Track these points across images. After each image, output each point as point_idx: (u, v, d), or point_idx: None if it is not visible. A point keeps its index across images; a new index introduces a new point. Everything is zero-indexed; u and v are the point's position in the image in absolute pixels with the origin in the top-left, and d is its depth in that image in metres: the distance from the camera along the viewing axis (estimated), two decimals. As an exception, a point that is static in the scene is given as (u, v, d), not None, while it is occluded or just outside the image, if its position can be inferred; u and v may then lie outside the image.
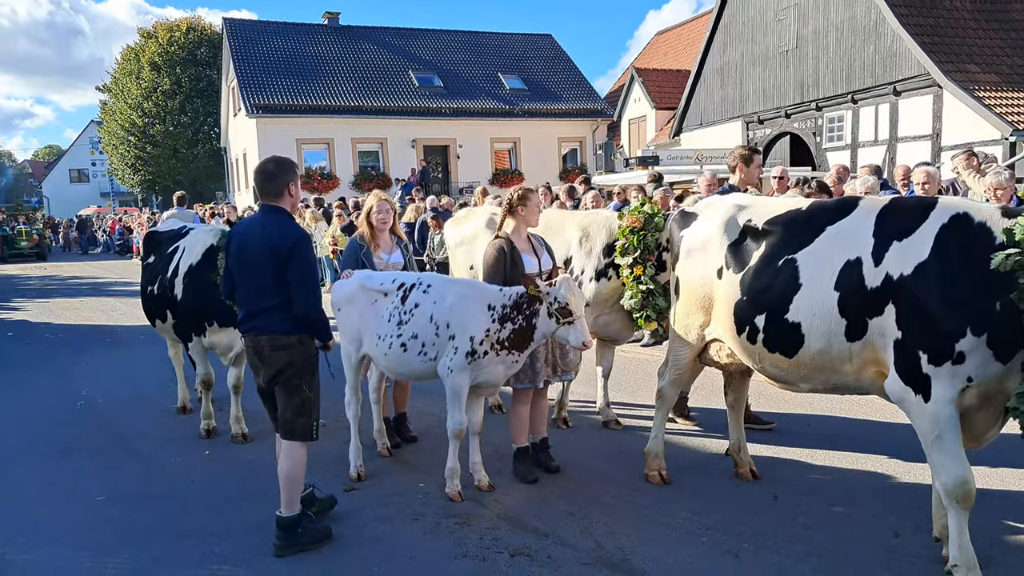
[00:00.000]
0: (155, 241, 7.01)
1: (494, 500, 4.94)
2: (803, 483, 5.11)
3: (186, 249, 6.35)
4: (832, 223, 4.00)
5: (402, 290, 5.11)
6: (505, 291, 4.87)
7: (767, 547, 4.20)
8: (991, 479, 4.96)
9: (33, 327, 13.51)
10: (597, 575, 3.96)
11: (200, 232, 6.61)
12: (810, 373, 4.09)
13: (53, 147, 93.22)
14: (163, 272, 6.47)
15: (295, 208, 4.39)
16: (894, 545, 4.16)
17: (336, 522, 4.64)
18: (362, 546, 4.37)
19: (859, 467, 5.34)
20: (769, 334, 4.16)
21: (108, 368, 9.59)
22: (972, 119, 16.68)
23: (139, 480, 5.63)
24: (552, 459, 5.47)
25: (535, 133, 31.88)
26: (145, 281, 6.82)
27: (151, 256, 6.91)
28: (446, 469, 5.02)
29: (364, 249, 5.79)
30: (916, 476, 5.05)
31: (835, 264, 3.86)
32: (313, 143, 29.43)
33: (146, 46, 41.21)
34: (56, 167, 70.66)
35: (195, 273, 6.16)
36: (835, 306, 3.83)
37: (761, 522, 4.50)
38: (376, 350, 5.16)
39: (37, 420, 7.27)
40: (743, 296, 4.30)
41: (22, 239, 31.54)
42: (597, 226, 6.22)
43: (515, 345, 4.80)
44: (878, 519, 4.48)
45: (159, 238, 6.97)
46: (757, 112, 22.76)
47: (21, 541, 4.63)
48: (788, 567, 3.97)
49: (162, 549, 4.45)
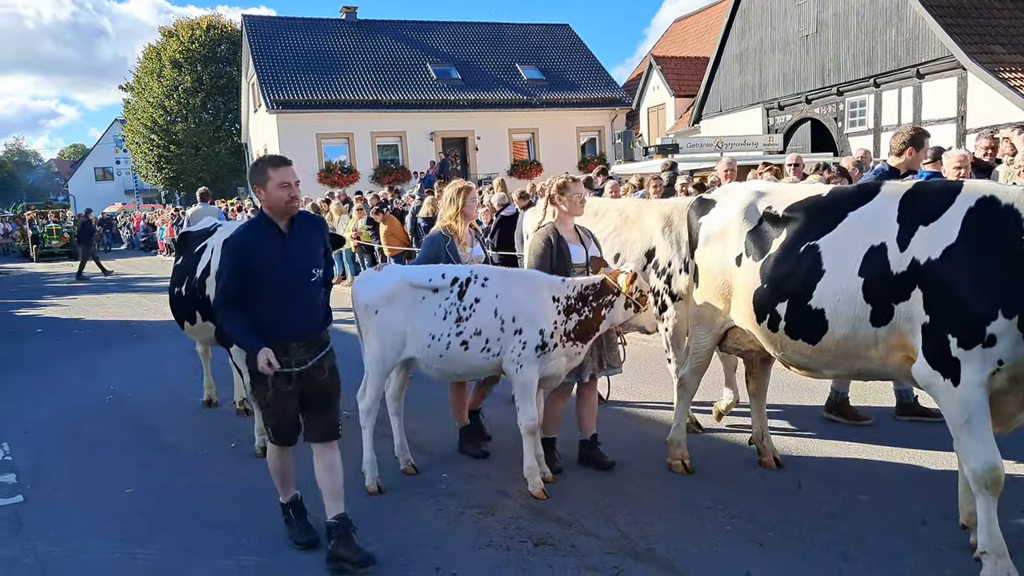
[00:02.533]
0: (186, 242, 6.82)
1: (517, 490, 4.95)
2: (827, 471, 5.08)
3: (214, 249, 6.01)
4: (854, 209, 3.96)
5: (457, 285, 4.85)
6: (568, 282, 4.83)
7: (792, 536, 4.18)
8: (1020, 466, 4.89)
9: (62, 323, 13.73)
10: (621, 564, 3.96)
11: (228, 230, 6.43)
12: (835, 359, 4.06)
13: (78, 146, 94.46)
14: (190, 272, 6.21)
15: (274, 207, 3.98)
16: (921, 533, 4.12)
17: (360, 513, 4.67)
18: (387, 536, 4.40)
19: (884, 455, 5.29)
20: (791, 321, 4.14)
21: (135, 363, 9.72)
22: (998, 101, 16.38)
23: (167, 473, 5.71)
24: (604, 456, 5.28)
25: (553, 123, 31.76)
26: (173, 282, 6.54)
27: (180, 256, 6.72)
28: (525, 468, 4.88)
29: (449, 241, 5.44)
30: (942, 463, 4.99)
31: (859, 250, 3.83)
32: (333, 138, 29.57)
33: (167, 45, 41.52)
34: (81, 166, 71.52)
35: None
36: (860, 292, 3.81)
37: (786, 511, 4.48)
38: (429, 351, 4.84)
39: (67, 415, 7.39)
40: (763, 284, 4.27)
41: (53, 238, 31.07)
42: (680, 214, 5.75)
43: (580, 336, 4.79)
44: (904, 507, 4.44)
45: (190, 238, 6.72)
46: (777, 98, 22.51)
47: (52, 534, 4.72)
48: (814, 556, 3.95)
49: (191, 540, 4.52)
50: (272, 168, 3.97)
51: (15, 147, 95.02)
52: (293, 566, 4.17)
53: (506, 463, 5.35)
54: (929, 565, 3.80)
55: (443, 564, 4.07)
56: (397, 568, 4.07)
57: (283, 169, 3.98)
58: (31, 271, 26.93)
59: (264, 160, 4.06)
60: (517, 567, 4.01)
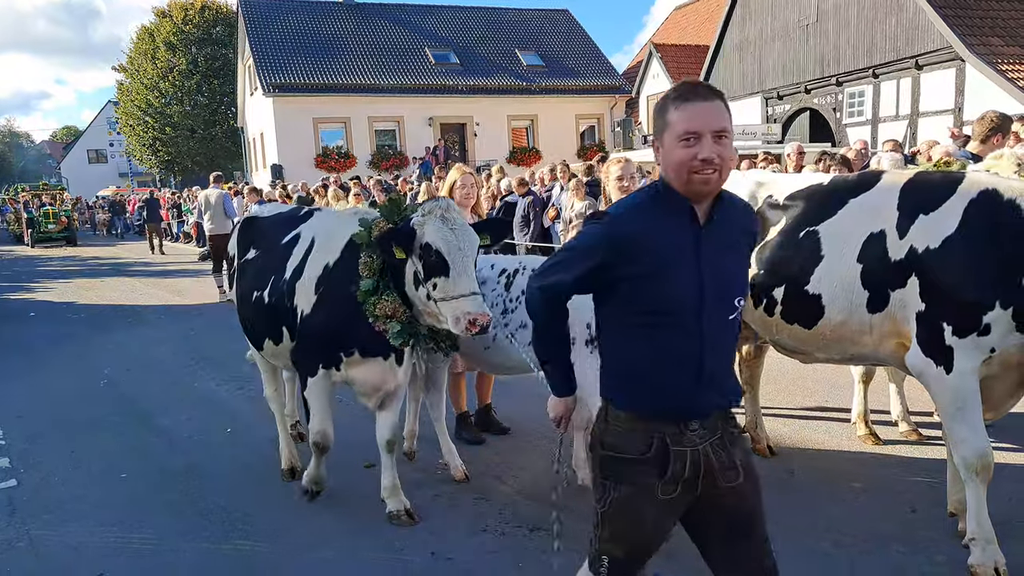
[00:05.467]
0: (257, 229, 5.08)
1: (512, 476, 4.97)
2: (820, 460, 5.11)
3: (316, 241, 4.43)
4: (855, 196, 3.99)
5: (504, 276, 4.72)
6: None
7: (783, 523, 4.19)
8: (1009, 455, 4.93)
9: (56, 307, 13.70)
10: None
11: (330, 217, 4.84)
12: (829, 344, 4.09)
13: (71, 127, 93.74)
14: (276, 272, 4.52)
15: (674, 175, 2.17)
16: (911, 520, 4.16)
17: (357, 499, 4.69)
18: (382, 522, 4.41)
19: (875, 446, 5.30)
20: (788, 306, 4.17)
21: (129, 347, 9.72)
22: (995, 93, 16.35)
23: (162, 457, 5.72)
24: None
25: (553, 110, 31.64)
26: (247, 285, 4.82)
27: (251, 250, 4.96)
28: (575, 459, 4.72)
29: None
30: (933, 452, 5.02)
31: (858, 236, 3.85)
32: (330, 122, 29.39)
33: (161, 25, 41.14)
34: (74, 148, 70.95)
35: (333, 278, 4.21)
36: (858, 278, 3.83)
37: (778, 498, 4.48)
38: (474, 343, 4.60)
39: (62, 399, 7.39)
40: (760, 269, 4.30)
41: (49, 221, 29.40)
42: None
43: None
44: (895, 495, 4.48)
45: (261, 225, 5.08)
46: (777, 88, 22.46)
47: (47, 517, 4.73)
48: (806, 543, 3.98)
49: (186, 524, 4.53)
50: (675, 105, 2.16)
51: (7, 128, 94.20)
52: (289, 551, 4.18)
53: (502, 450, 5.37)
54: (919, 551, 3.84)
55: (438, 549, 4.09)
56: (393, 552, 4.09)
57: (692, 107, 2.13)
58: (25, 255, 26.79)
59: (668, 94, 2.22)
60: (512, 552, 4.03)
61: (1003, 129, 5.75)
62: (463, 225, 3.86)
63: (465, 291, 3.72)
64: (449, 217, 3.83)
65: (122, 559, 4.19)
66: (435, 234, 3.77)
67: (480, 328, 3.68)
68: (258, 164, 33.65)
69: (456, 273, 3.75)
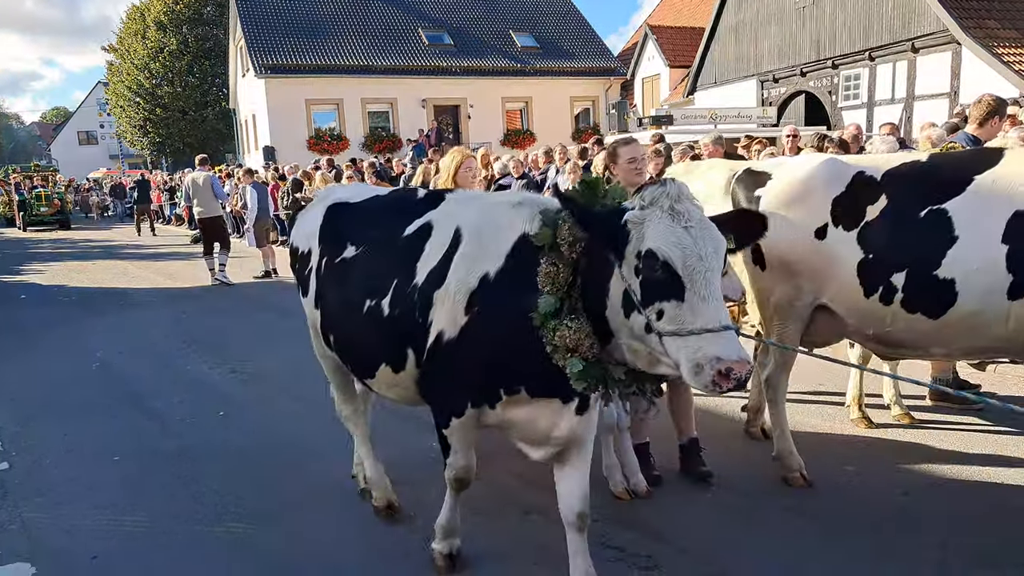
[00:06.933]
0: (353, 217, 3.92)
1: (505, 461, 4.96)
2: (813, 443, 5.10)
3: (464, 236, 3.24)
4: (979, 173, 3.65)
5: None
6: None
7: (776, 505, 4.22)
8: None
9: (46, 290, 13.63)
10: (608, 531, 3.99)
11: (478, 203, 3.50)
12: (954, 335, 3.75)
13: (60, 109, 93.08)
14: (401, 275, 3.38)
15: None
16: (903, 503, 4.18)
17: (348, 482, 4.68)
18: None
19: (868, 429, 5.31)
20: (910, 293, 3.77)
21: (122, 330, 9.67)
22: (991, 76, 16.33)
23: (154, 439, 5.70)
24: (703, 463, 4.66)
25: (547, 92, 31.47)
26: (349, 293, 3.64)
27: (348, 245, 3.76)
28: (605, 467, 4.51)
29: None
30: (924, 437, 5.05)
31: (1000, 215, 3.52)
32: (322, 104, 29.22)
33: (151, 5, 40.68)
34: (64, 129, 70.42)
35: (495, 292, 3.07)
36: (1003, 259, 3.50)
37: (770, 482, 4.51)
38: None
39: (53, 382, 7.35)
40: (868, 254, 3.89)
41: (41, 204, 28.71)
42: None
43: None
44: (887, 477, 4.49)
45: (359, 211, 3.94)
46: (772, 70, 22.39)
47: (39, 500, 4.72)
48: (799, 525, 3.99)
49: (178, 507, 4.52)
50: None
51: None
52: (282, 534, 4.17)
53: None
54: (909, 531, 3.87)
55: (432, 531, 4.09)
56: (387, 535, 4.09)
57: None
58: (16, 237, 26.62)
59: None
60: (505, 535, 4.04)
61: (1000, 112, 5.73)
62: (702, 221, 2.62)
63: (711, 323, 2.49)
64: (682, 210, 2.60)
65: (115, 541, 4.18)
66: (663, 236, 2.56)
67: (736, 383, 2.45)
68: (250, 146, 33.46)
69: (696, 296, 2.52)
